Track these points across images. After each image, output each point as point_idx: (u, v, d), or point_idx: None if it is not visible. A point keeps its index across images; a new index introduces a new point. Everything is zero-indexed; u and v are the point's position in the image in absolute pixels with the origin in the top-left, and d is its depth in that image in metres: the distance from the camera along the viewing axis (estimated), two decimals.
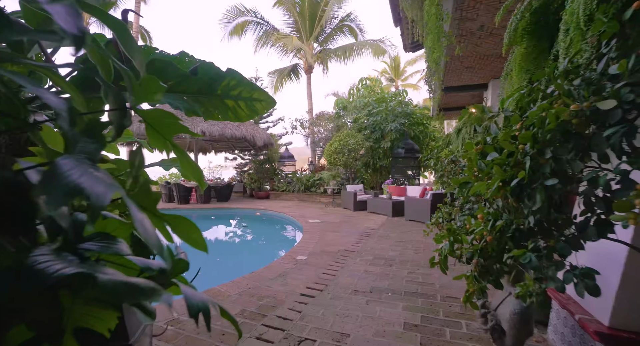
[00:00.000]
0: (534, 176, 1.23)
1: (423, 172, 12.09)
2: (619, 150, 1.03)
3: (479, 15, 4.47)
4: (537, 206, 1.21)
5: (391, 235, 5.86)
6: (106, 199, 0.40)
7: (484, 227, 1.44)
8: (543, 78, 1.56)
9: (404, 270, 3.78)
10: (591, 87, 1.20)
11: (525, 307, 1.84)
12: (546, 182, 1.16)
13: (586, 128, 1.16)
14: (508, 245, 1.36)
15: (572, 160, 1.18)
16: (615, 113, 1.04)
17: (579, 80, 1.29)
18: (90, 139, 0.50)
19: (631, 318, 1.49)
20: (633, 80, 1.07)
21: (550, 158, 1.19)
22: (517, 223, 1.35)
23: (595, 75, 1.26)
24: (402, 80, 31.62)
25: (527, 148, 1.26)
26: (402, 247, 4.89)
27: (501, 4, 3.76)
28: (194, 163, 0.77)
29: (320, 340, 2.19)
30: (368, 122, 11.14)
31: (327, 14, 13.30)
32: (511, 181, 1.27)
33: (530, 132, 1.25)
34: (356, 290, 3.12)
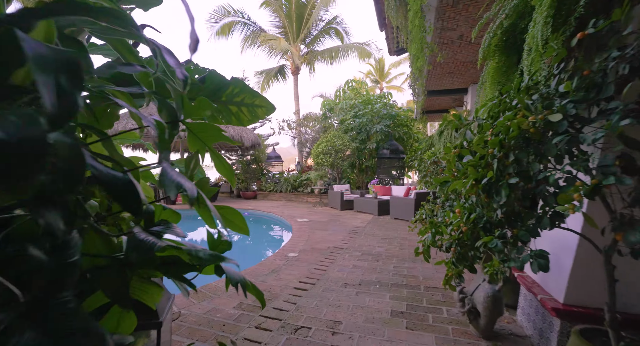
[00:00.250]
0: (500, 175, 1.47)
1: (407, 172, 12.50)
2: (566, 154, 1.28)
3: (458, 25, 4.79)
4: (503, 201, 1.45)
5: (377, 232, 6.12)
6: (194, 192, 0.57)
7: (460, 219, 1.67)
8: (510, 91, 1.82)
9: (390, 264, 4.02)
10: (545, 101, 1.44)
11: (496, 291, 2.10)
12: (509, 180, 1.40)
13: (542, 136, 1.41)
14: (480, 235, 1.60)
15: (531, 162, 1.43)
16: (561, 124, 1.29)
17: (537, 95, 1.54)
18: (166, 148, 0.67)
19: (581, 295, 1.76)
20: (576, 98, 1.32)
21: (514, 160, 1.44)
22: (487, 215, 1.59)
23: (550, 91, 1.51)
24: (387, 82, 32.23)
25: (495, 152, 1.50)
26: (388, 244, 5.15)
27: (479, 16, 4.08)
28: (227, 164, 0.93)
29: (315, 327, 2.38)
30: (354, 123, 11.41)
31: (314, 16, 13.51)
32: (482, 180, 1.50)
33: (498, 139, 1.48)
34: (346, 283, 3.33)
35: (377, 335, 2.26)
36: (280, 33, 14.41)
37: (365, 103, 11.55)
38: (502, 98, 1.82)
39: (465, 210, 1.70)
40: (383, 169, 11.58)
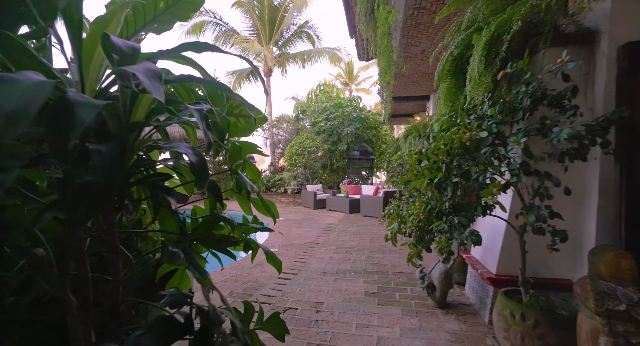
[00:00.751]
0: (447, 176, 1.95)
1: (376, 173, 13.24)
2: (489, 161, 1.78)
3: (420, 42, 5.40)
4: (449, 195, 1.93)
5: (349, 228, 6.61)
6: (255, 188, 0.93)
7: (419, 210, 2.14)
8: (457, 110, 2.33)
9: (362, 255, 4.49)
10: (479, 121, 1.95)
11: (448, 268, 2.62)
12: (453, 180, 1.88)
13: (476, 147, 1.91)
14: (433, 221, 2.07)
15: (470, 166, 1.93)
16: (487, 140, 1.79)
17: (474, 115, 2.05)
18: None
19: (507, 266, 2.31)
20: (497, 120, 1.83)
21: (457, 165, 1.92)
22: (439, 207, 2.07)
23: (482, 113, 2.02)
24: (356, 84, 33.18)
25: (444, 158, 1.98)
26: (359, 238, 5.64)
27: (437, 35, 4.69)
28: (257, 169, 1.28)
29: (301, 308, 2.75)
30: (326, 125, 11.88)
31: (287, 19, 13.79)
32: (435, 179, 1.98)
33: (445, 148, 1.96)
34: (325, 272, 3.73)
35: (354, 310, 2.68)
36: (252, 35, 14.50)
37: (336, 107, 12.07)
38: (451, 116, 2.33)
39: (423, 203, 2.18)
40: (353, 169, 12.18)
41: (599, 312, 1.49)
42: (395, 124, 15.61)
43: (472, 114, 2.09)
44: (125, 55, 0.65)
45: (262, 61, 14.59)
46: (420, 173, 2.16)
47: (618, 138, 1.91)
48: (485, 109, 2.01)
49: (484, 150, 1.77)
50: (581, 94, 2.13)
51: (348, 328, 2.37)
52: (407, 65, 6.12)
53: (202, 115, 0.76)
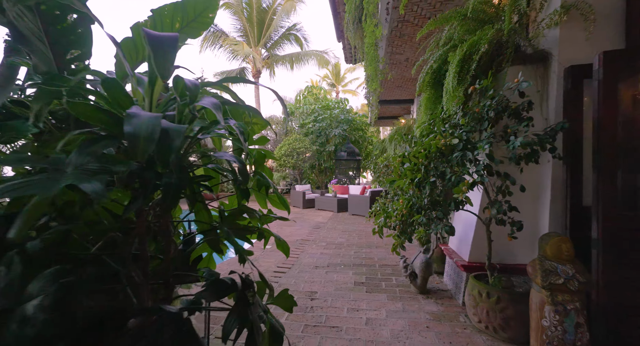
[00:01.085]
0: (426, 177, 2.27)
1: (362, 173, 13.63)
2: (460, 164, 2.11)
3: (404, 51, 5.76)
4: (427, 193, 2.25)
5: (338, 226, 6.92)
6: (275, 187, 1.21)
7: (402, 206, 2.46)
8: (435, 119, 2.67)
9: (351, 250, 4.80)
10: (452, 129, 2.29)
11: (428, 258, 2.95)
12: (431, 180, 2.21)
13: (450, 152, 2.24)
14: (414, 215, 2.40)
15: (445, 168, 2.26)
16: (458, 145, 2.12)
17: (448, 124, 2.38)
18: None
19: (477, 254, 2.67)
20: (467, 129, 2.17)
21: (433, 167, 2.25)
22: (419, 203, 2.39)
23: (455, 122, 2.36)
24: (343, 86, 33.62)
25: (423, 161, 2.31)
26: (348, 235, 5.96)
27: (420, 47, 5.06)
28: (269, 170, 1.54)
29: (296, 297, 3.01)
30: (314, 127, 12.16)
31: (275, 22, 14.00)
32: (415, 179, 2.30)
33: (424, 153, 2.29)
34: (317, 266, 4.01)
35: (345, 297, 2.98)
36: (241, 36, 14.61)
37: (324, 109, 12.38)
38: (430, 124, 2.66)
39: (406, 200, 2.49)
40: (341, 170, 12.52)
41: (544, 286, 1.84)
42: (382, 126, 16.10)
43: (447, 123, 2.43)
44: (193, 91, 0.91)
45: (250, 62, 14.72)
46: (403, 173, 2.48)
47: (565, 144, 2.29)
48: (457, 119, 2.35)
49: (456, 154, 2.11)
50: (538, 106, 2.52)
51: (340, 312, 2.67)
52: (392, 72, 6.49)
53: (241, 131, 1.03)
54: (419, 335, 2.27)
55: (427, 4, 4.09)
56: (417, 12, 4.27)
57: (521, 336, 2.08)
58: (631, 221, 1.88)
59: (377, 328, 2.37)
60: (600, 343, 1.84)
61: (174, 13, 1.84)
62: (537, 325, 1.92)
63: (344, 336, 2.27)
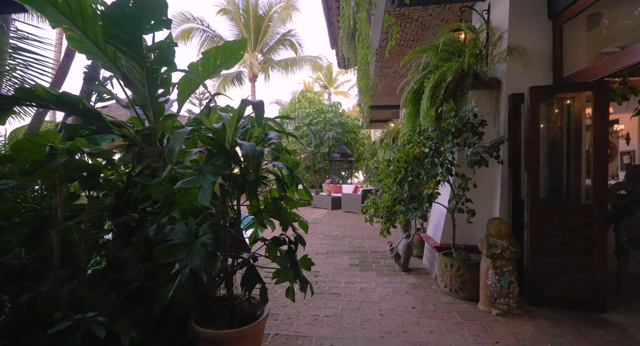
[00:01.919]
0: (405, 176, 2.99)
1: (354, 173, 14.37)
2: (430, 167, 2.84)
3: (392, 65, 6.51)
4: (407, 189, 2.97)
5: (333, 222, 7.62)
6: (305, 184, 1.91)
7: (388, 199, 3.17)
8: (414, 131, 3.39)
9: (345, 241, 5.50)
10: (425, 140, 3.01)
11: (410, 242, 3.68)
12: (409, 179, 2.92)
13: (423, 158, 2.96)
14: (397, 206, 3.11)
15: (420, 170, 2.98)
16: (429, 153, 2.84)
17: (423, 136, 3.10)
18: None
19: (446, 237, 3.40)
20: (435, 141, 2.90)
21: (411, 169, 2.97)
22: (400, 197, 3.11)
23: (428, 135, 3.08)
24: (335, 87, 34.33)
25: (404, 164, 3.02)
26: (342, 229, 6.66)
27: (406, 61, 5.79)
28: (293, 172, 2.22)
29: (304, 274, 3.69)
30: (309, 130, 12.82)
31: (272, 29, 14.62)
32: (397, 179, 3.01)
33: (404, 158, 3.00)
34: (317, 253, 4.70)
35: (343, 274, 3.67)
36: None
37: (318, 113, 13.07)
38: (410, 135, 3.38)
39: (391, 195, 3.21)
40: (334, 170, 13.22)
41: (488, 255, 2.57)
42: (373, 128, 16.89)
43: (422, 135, 3.15)
44: (264, 126, 1.58)
45: (247, 67, 15.28)
46: (388, 174, 3.20)
47: (508, 152, 3.04)
48: (430, 132, 3.07)
49: (427, 160, 2.83)
50: (492, 123, 3.26)
51: (339, 284, 3.36)
52: (381, 84, 7.24)
53: (287, 149, 1.70)
54: (400, 298, 2.98)
55: (411, 30, 4.83)
56: (403, 36, 5.01)
57: (473, 295, 2.81)
58: (548, 209, 2.63)
59: (369, 294, 3.08)
60: (525, 293, 2.59)
61: (217, 53, 2.54)
62: (483, 285, 2.65)
63: (343, 299, 2.96)
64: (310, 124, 12.76)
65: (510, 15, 3.15)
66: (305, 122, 12.94)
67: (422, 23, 4.61)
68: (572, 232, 2.57)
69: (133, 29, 1.71)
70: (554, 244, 2.61)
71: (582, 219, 2.55)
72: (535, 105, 2.65)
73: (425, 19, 4.48)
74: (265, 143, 1.64)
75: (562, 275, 2.59)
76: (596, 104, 2.51)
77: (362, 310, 2.71)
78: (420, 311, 2.67)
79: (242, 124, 1.76)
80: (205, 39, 14.73)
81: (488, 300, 2.59)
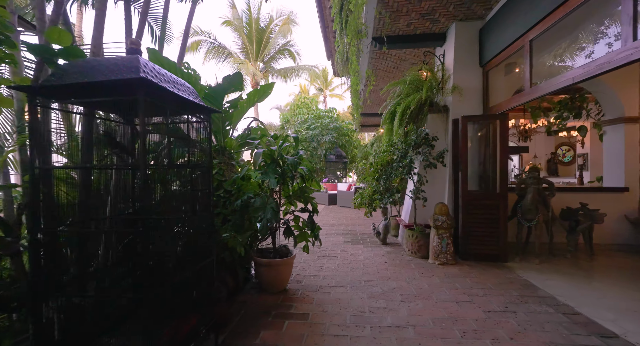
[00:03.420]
0: (381, 175, 4.36)
1: (348, 173, 15.75)
2: (396, 168, 4.21)
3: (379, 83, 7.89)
4: (382, 184, 4.35)
5: (330, 214, 8.97)
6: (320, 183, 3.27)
7: (369, 191, 4.54)
8: (389, 143, 4.77)
9: (340, 227, 6.87)
10: (396, 150, 4.38)
11: (388, 222, 5.07)
12: (382, 177, 4.30)
13: (393, 163, 4.34)
14: (375, 195, 4.48)
15: (390, 171, 4.36)
16: (396, 160, 4.22)
17: (393, 148, 4.48)
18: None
19: (411, 219, 4.77)
20: (402, 152, 4.27)
21: (384, 170, 4.34)
22: (378, 189, 4.48)
23: (397, 147, 4.46)
24: (330, 90, 35.60)
25: (380, 167, 4.39)
26: (338, 219, 8.03)
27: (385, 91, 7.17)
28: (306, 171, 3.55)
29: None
30: (307, 134, 14.18)
31: (273, 40, 15.93)
32: (376, 176, 4.39)
33: (379, 163, 4.38)
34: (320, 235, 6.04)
35: (338, 247, 5.03)
36: (242, 52, 16.46)
37: (316, 118, 14.42)
38: (387, 146, 4.76)
39: (372, 187, 4.56)
40: (330, 170, 14.59)
41: (434, 226, 3.95)
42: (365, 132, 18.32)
43: (393, 147, 4.53)
44: (296, 146, 2.93)
45: (249, 75, 16.57)
46: (370, 174, 4.56)
47: (452, 158, 4.43)
48: (399, 145, 4.44)
49: (394, 164, 4.20)
50: (444, 138, 4.64)
51: (336, 252, 4.71)
52: (370, 98, 8.63)
53: (304, 156, 3.03)
54: (377, 258, 4.34)
55: (391, 61, 6.21)
56: (385, 65, 6.39)
57: (426, 254, 4.18)
58: (474, 195, 4.02)
59: (356, 256, 4.44)
60: (458, 251, 3.98)
61: (255, 94, 3.87)
62: (431, 246, 4.03)
63: (339, 259, 4.32)
64: (309, 129, 14.11)
65: (455, 63, 4.54)
66: (304, 127, 14.30)
67: (398, 57, 5.99)
68: (487, 210, 3.96)
69: (221, 95, 3.04)
70: (476, 218, 4.00)
71: (493, 202, 3.95)
72: (465, 128, 4.04)
73: (401, 54, 5.86)
74: (296, 156, 2.98)
75: (481, 238, 3.98)
76: (502, 128, 3.91)
77: (351, 264, 4.07)
78: (390, 264, 4.04)
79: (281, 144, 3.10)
80: (211, 49, 15.98)
81: (434, 256, 3.97)
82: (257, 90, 3.80)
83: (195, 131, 2.02)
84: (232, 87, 3.13)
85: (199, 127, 2.06)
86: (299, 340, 2.23)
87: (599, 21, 2.73)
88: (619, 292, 3.01)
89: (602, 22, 2.67)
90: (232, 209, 2.89)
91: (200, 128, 2.09)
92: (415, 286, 3.24)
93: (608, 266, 3.83)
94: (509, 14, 3.74)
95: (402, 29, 4.76)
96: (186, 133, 1.97)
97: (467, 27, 4.50)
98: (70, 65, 1.51)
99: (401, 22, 4.51)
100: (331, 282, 3.44)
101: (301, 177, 3.28)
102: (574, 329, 2.32)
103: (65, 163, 1.80)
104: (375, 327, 2.41)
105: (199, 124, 2.06)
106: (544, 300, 2.83)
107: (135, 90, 1.39)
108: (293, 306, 2.81)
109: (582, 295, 2.91)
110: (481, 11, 4.25)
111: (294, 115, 15.33)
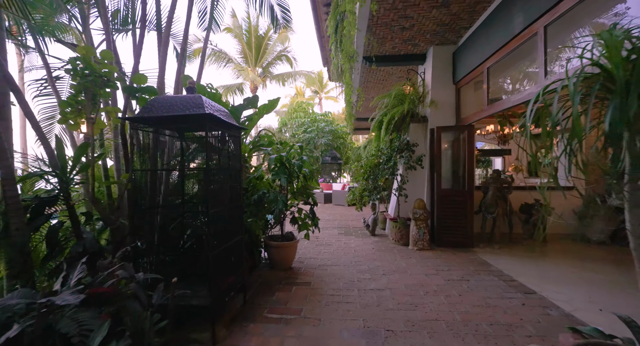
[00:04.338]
0: (370, 175, 5.15)
1: (342, 174, 16.56)
2: (382, 170, 5.01)
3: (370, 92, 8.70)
4: (372, 183, 5.15)
5: (326, 211, 9.75)
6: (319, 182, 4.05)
7: (360, 189, 5.32)
8: (377, 148, 5.57)
9: (335, 222, 7.64)
10: (382, 155, 5.18)
11: (375, 217, 5.87)
12: (371, 177, 5.09)
13: (380, 165, 5.14)
14: (364, 192, 5.27)
15: (378, 172, 5.15)
16: (382, 162, 5.01)
17: (380, 152, 5.28)
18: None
19: (396, 213, 5.56)
20: (386, 155, 5.07)
21: (372, 171, 5.13)
22: (367, 188, 5.26)
23: (383, 151, 5.26)
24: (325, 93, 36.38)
25: (369, 168, 5.18)
26: (333, 216, 8.81)
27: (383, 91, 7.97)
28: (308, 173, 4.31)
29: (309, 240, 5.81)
30: (304, 137, 14.93)
31: (271, 47, 16.66)
32: (365, 176, 5.18)
33: (369, 165, 5.17)
34: None
35: (333, 238, 5.80)
36: (241, 58, 17.16)
37: (312, 122, 15.19)
38: (376, 151, 5.55)
39: (362, 186, 5.34)
40: (326, 171, 15.35)
41: (413, 218, 4.75)
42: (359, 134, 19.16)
43: (379, 151, 5.32)
44: (299, 154, 3.71)
45: (248, 80, 17.28)
46: (361, 174, 5.34)
47: (429, 161, 5.23)
48: (385, 150, 5.24)
49: (381, 166, 4.99)
50: (424, 144, 5.45)
51: (331, 241, 5.48)
52: (363, 106, 9.43)
53: (305, 159, 3.81)
54: (366, 246, 5.13)
55: (380, 75, 7.02)
56: (375, 77, 7.20)
57: (406, 242, 4.98)
58: (446, 192, 4.84)
59: (349, 245, 5.22)
60: (433, 239, 4.79)
61: (264, 108, 4.62)
62: (411, 235, 4.82)
63: (334, 247, 5.09)
64: (306, 132, 14.87)
65: (432, 80, 5.36)
66: (301, 130, 15.06)
67: (386, 72, 6.80)
68: (457, 205, 4.77)
69: (240, 111, 3.80)
70: (448, 211, 4.80)
71: (462, 198, 4.76)
72: (439, 136, 4.85)
73: (388, 69, 6.66)
74: (299, 160, 3.75)
75: (452, 228, 4.79)
76: (469, 137, 4.73)
77: (344, 250, 4.85)
78: (376, 250, 4.82)
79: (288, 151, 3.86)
80: (212, 54, 16.65)
81: (413, 243, 4.77)
82: (266, 105, 4.55)
83: (232, 143, 2.78)
84: (250, 105, 3.88)
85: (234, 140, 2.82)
86: (304, 298, 3.00)
87: (531, 60, 3.55)
88: (553, 267, 3.84)
89: (534, 60, 3.50)
90: (248, 203, 3.65)
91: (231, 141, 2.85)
92: (395, 265, 4.03)
93: (554, 251, 4.67)
94: (472, 44, 4.57)
95: (388, 51, 5.56)
96: (226, 145, 2.72)
97: (443, 50, 5.32)
98: (156, 101, 2.26)
99: (387, 45, 5.31)
100: (328, 262, 4.21)
101: (304, 177, 4.05)
102: (507, 290, 3.13)
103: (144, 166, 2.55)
104: (361, 290, 3.19)
105: (234, 138, 2.83)
106: (492, 273, 3.64)
107: (202, 122, 2.16)
108: (298, 277, 3.58)
109: (524, 269, 3.73)
110: (454, 38, 5.07)
111: (291, 118, 16.08)
